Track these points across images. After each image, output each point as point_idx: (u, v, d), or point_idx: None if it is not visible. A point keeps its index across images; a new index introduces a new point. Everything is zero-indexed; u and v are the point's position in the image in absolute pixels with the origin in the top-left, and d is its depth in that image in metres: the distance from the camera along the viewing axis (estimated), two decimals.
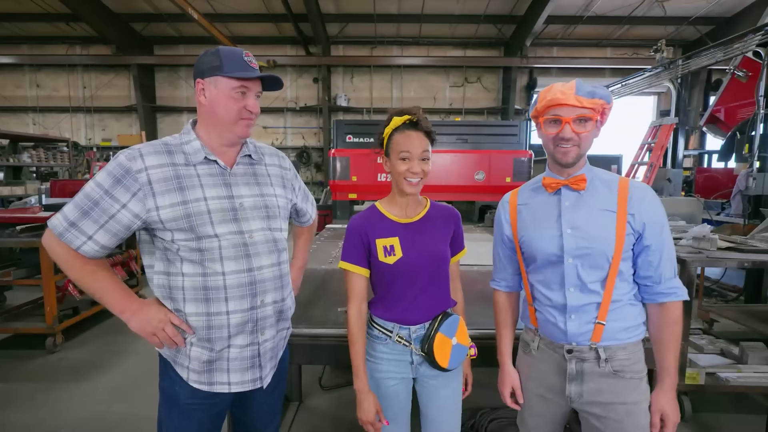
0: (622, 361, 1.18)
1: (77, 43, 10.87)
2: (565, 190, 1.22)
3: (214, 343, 1.18)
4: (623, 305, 1.19)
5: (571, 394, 1.22)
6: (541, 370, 1.28)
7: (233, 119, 1.17)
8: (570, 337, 1.20)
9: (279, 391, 1.43)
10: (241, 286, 1.18)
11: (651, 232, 1.16)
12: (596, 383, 1.19)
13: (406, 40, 11.08)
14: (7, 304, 4.34)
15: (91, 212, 1.08)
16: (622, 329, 1.18)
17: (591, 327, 1.18)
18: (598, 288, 1.18)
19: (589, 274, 1.18)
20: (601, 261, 1.17)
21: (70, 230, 1.08)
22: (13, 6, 9.36)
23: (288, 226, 1.38)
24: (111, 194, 1.08)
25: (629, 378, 1.18)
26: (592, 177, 1.22)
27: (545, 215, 1.24)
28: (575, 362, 1.20)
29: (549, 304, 1.24)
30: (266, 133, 11.54)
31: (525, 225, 1.29)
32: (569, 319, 1.20)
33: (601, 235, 1.16)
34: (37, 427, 2.45)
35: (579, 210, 1.20)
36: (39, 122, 11.42)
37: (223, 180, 1.21)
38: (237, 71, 1.14)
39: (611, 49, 11.23)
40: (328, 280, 2.43)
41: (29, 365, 3.24)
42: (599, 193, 1.20)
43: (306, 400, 2.72)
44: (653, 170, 5.23)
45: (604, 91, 1.16)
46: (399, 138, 1.26)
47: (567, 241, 1.19)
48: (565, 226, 1.20)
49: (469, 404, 2.56)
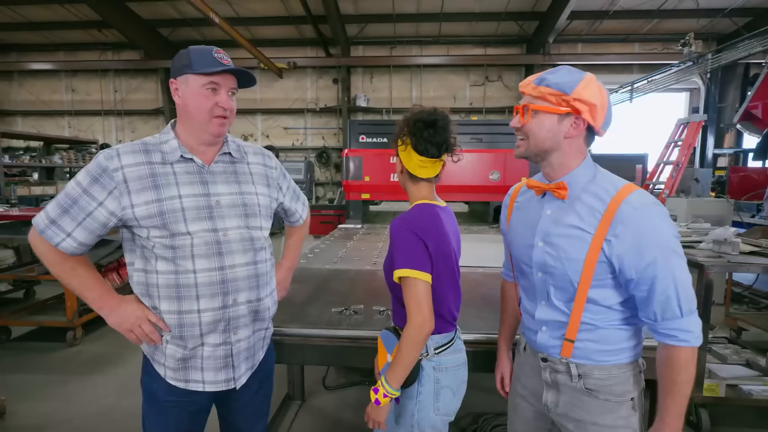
0: (597, 381, 1.07)
1: (109, 49, 11.32)
2: (549, 196, 1.11)
3: (187, 340, 1.18)
4: (604, 329, 1.06)
5: (547, 402, 1.16)
6: (526, 372, 1.24)
7: (205, 117, 1.17)
8: (540, 347, 1.15)
9: (264, 392, 1.43)
10: (212, 284, 1.18)
11: (633, 266, 0.97)
12: (570, 396, 1.11)
13: (426, 39, 10.99)
14: (36, 298, 4.56)
15: (70, 210, 1.10)
16: (600, 351, 1.07)
17: (560, 342, 1.10)
18: (565, 308, 1.09)
19: (556, 293, 1.10)
20: (566, 284, 1.06)
21: (51, 227, 1.10)
22: (49, 14, 9.84)
23: (271, 225, 1.37)
24: (89, 192, 1.10)
25: (604, 399, 1.07)
26: (581, 184, 1.06)
27: (527, 220, 1.17)
28: (549, 372, 1.14)
29: (525, 311, 1.22)
30: (287, 134, 11.69)
31: (513, 225, 1.23)
32: (540, 330, 1.15)
33: (568, 257, 1.04)
34: (49, 417, 2.55)
35: (556, 223, 1.08)
36: (74, 125, 11.95)
37: (200, 178, 1.21)
38: (204, 67, 1.13)
39: (639, 45, 10.79)
40: (329, 280, 2.41)
41: (50, 357, 3.38)
42: (583, 206, 1.04)
43: (309, 400, 2.73)
44: (680, 170, 4.99)
45: (565, 77, 1.01)
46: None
47: (536, 254, 1.11)
48: (538, 237, 1.11)
49: (472, 409, 2.51)
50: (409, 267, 1.15)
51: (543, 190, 1.11)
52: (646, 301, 1.00)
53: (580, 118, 1.03)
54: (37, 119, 12.01)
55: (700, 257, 2.28)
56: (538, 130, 1.05)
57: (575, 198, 1.06)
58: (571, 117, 1.03)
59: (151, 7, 9.57)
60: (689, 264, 2.51)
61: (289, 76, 11.24)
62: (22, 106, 11.95)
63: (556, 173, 1.09)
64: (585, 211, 1.03)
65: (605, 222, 0.99)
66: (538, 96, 1.04)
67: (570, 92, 1.00)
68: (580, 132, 1.04)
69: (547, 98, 1.02)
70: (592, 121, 1.03)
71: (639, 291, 1.00)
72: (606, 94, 1.05)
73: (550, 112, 1.03)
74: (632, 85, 7.12)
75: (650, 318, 1.01)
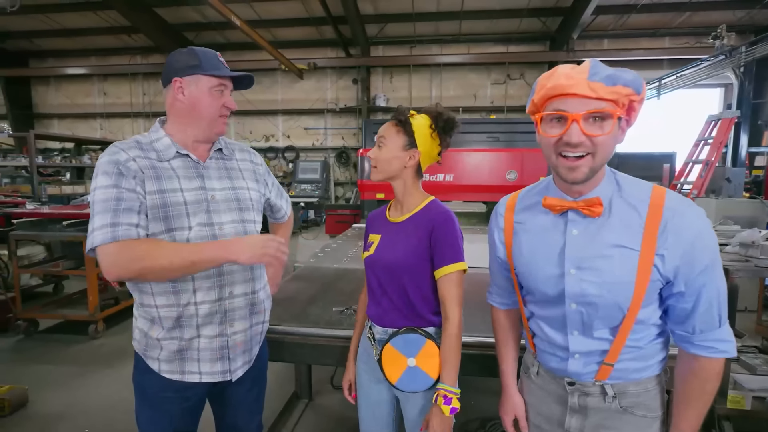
0: (633, 398, 0.97)
1: (137, 53, 11.73)
2: (573, 213, 0.94)
3: (184, 331, 1.19)
4: (643, 348, 0.96)
5: (570, 428, 1.03)
6: (540, 397, 1.10)
7: (214, 116, 1.22)
8: (571, 375, 1.01)
9: (257, 390, 1.44)
10: (209, 277, 1.20)
11: (688, 277, 0.87)
12: (599, 418, 1.00)
13: (446, 38, 10.89)
14: (64, 292, 4.76)
15: (120, 208, 1.08)
16: (638, 369, 0.97)
17: (596, 368, 0.98)
18: (607, 335, 0.95)
19: (596, 323, 0.95)
20: (614, 311, 0.92)
21: (118, 229, 1.06)
22: (83, 21, 10.28)
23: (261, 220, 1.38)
24: (121, 186, 1.10)
25: (640, 416, 0.97)
26: (612, 196, 0.91)
27: (546, 245, 0.98)
28: (578, 396, 1.01)
29: (549, 341, 1.04)
30: (307, 134, 11.81)
31: (521, 253, 1.03)
32: (572, 358, 0.99)
33: (615, 280, 0.89)
34: (68, 407, 2.65)
35: (590, 243, 0.92)
36: (105, 127, 12.45)
37: (197, 173, 1.23)
38: (215, 70, 1.19)
39: (670, 39, 10.35)
40: (337, 279, 2.41)
41: (72, 349, 3.52)
42: (620, 219, 0.89)
43: (315, 398, 2.73)
44: (709, 169, 4.75)
45: (631, 75, 0.83)
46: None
47: (570, 284, 0.94)
48: (569, 264, 0.93)
49: (480, 414, 2.46)
50: (462, 260, 1.19)
51: (565, 208, 0.93)
52: (689, 314, 0.90)
53: (624, 119, 0.88)
54: (72, 121, 12.58)
55: (725, 261, 2.16)
56: (609, 142, 0.85)
57: (606, 212, 0.91)
58: (621, 120, 0.87)
59: (177, 11, 9.86)
60: None
61: (310, 76, 11.36)
62: (58, 110, 12.54)
63: (588, 187, 0.91)
64: (622, 225, 0.89)
65: (651, 234, 0.86)
66: (611, 98, 0.81)
67: (641, 90, 0.84)
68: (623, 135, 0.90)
69: (621, 100, 0.82)
70: (628, 125, 0.90)
71: (684, 303, 0.89)
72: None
73: (617, 116, 0.84)
74: (660, 81, 6.83)
75: (688, 331, 0.91)
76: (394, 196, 1.32)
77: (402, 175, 1.26)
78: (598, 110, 0.82)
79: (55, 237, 3.78)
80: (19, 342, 3.67)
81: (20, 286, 3.79)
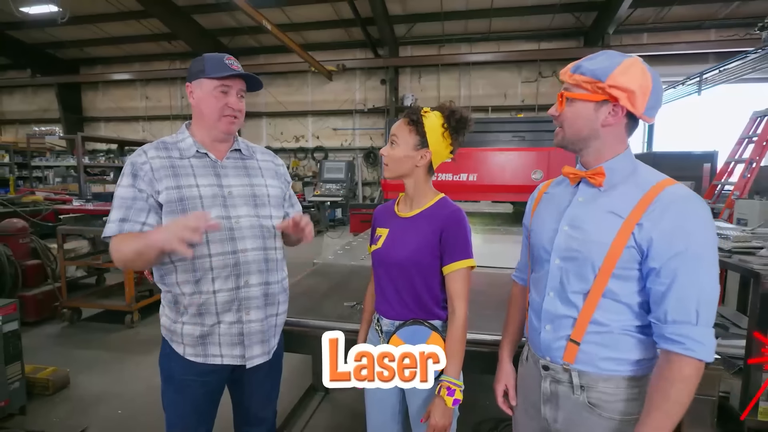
0: (601, 394, 0.98)
1: (177, 59, 12.30)
2: (583, 184, 1.05)
3: (205, 318, 1.28)
4: (613, 333, 0.97)
5: (546, 416, 1.08)
6: (528, 384, 1.17)
7: (217, 116, 1.28)
8: (543, 350, 1.08)
9: (272, 378, 1.51)
10: (226, 266, 1.28)
11: (660, 253, 0.90)
12: (570, 412, 1.03)
13: (475, 36, 10.76)
14: (106, 284, 5.08)
15: (133, 206, 1.23)
16: (607, 358, 0.98)
17: (564, 343, 1.02)
18: (578, 301, 1.00)
19: (571, 282, 1.02)
20: (586, 270, 0.98)
21: (125, 225, 1.22)
22: (127, 29, 10.91)
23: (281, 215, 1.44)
24: (135, 186, 1.24)
25: (608, 417, 0.98)
26: (620, 172, 1.00)
27: (555, 208, 1.11)
28: (549, 381, 1.07)
29: (533, 308, 1.13)
30: (336, 134, 12.00)
31: (538, 214, 1.17)
32: (544, 329, 1.07)
33: (595, 239, 0.97)
34: (105, 391, 2.84)
35: (587, 208, 1.03)
36: (147, 129, 13.14)
37: (214, 171, 1.32)
38: (217, 72, 1.25)
39: (716, 31, 9.76)
40: (351, 276, 2.46)
41: (111, 337, 3.76)
42: (620, 193, 0.99)
43: (332, 392, 2.79)
44: (754, 168, 4.47)
45: (601, 63, 0.95)
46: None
47: (559, 238, 1.05)
48: (564, 221, 1.05)
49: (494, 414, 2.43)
50: (471, 257, 1.23)
51: (578, 177, 1.06)
52: (661, 297, 0.90)
53: (618, 106, 0.96)
54: (117, 124, 13.36)
55: (757, 265, 2.04)
56: (573, 118, 1.01)
57: (612, 187, 1.00)
58: (608, 105, 0.96)
59: (213, 18, 10.28)
60: (743, 271, 2.25)
61: (339, 78, 11.53)
62: (105, 113, 13.36)
63: (595, 161, 1.03)
64: (621, 198, 0.98)
65: (642, 205, 0.93)
66: (574, 84, 1.00)
67: (605, 79, 0.94)
68: (618, 120, 0.97)
69: (582, 85, 0.98)
70: (631, 108, 0.94)
71: (657, 284, 0.91)
72: (651, 77, 0.95)
73: (586, 99, 0.98)
74: (701, 76, 6.45)
75: (660, 318, 0.91)
76: (405, 191, 1.34)
77: (413, 174, 1.28)
78: (561, 92, 1.02)
79: (97, 232, 4.05)
80: (64, 329, 3.96)
81: (66, 278, 4.09)
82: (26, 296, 3.86)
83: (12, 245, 3.93)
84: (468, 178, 4.49)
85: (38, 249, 4.13)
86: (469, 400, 2.35)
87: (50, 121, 13.08)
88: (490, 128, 4.73)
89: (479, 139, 4.65)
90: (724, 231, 2.82)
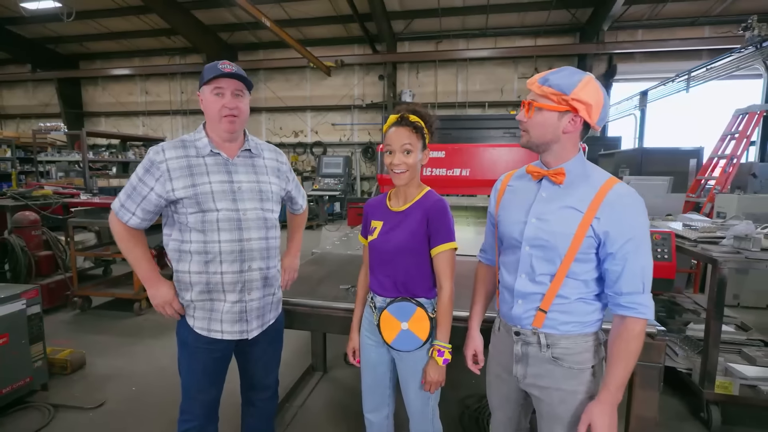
0: (563, 349, 1.21)
1: (176, 54, 12.41)
2: (546, 181, 1.24)
3: (212, 295, 1.48)
4: (572, 302, 1.20)
5: (517, 374, 1.30)
6: (500, 351, 1.37)
7: (217, 117, 1.46)
8: (515, 320, 1.28)
9: (273, 348, 1.72)
10: (233, 252, 1.48)
11: (615, 241, 1.13)
12: (538, 367, 1.25)
13: (473, 32, 10.87)
14: (112, 274, 5.27)
15: (132, 195, 1.44)
16: (566, 322, 1.21)
17: (533, 314, 1.24)
18: (546, 281, 1.21)
19: (540, 266, 1.21)
20: (553, 256, 1.19)
21: (121, 209, 1.45)
22: (127, 25, 11.02)
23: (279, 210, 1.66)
24: (143, 181, 1.43)
25: (568, 367, 1.21)
26: (575, 172, 1.20)
27: (521, 201, 1.29)
28: (521, 345, 1.28)
29: (505, 286, 1.33)
30: (334, 129, 12.14)
31: (504, 206, 1.35)
32: (516, 304, 1.27)
33: (560, 231, 1.17)
34: (118, 371, 3.05)
35: (551, 203, 1.21)
36: (147, 124, 13.27)
37: (226, 168, 1.50)
38: (209, 77, 1.43)
39: (710, 28, 9.89)
40: (347, 263, 2.65)
41: (121, 323, 3.96)
42: (577, 191, 1.19)
43: (330, 371, 3.00)
44: (735, 164, 4.66)
45: (566, 79, 1.13)
46: (387, 134, 1.43)
47: (528, 229, 1.23)
48: (532, 215, 1.23)
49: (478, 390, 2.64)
50: (454, 240, 1.42)
51: (541, 175, 1.24)
52: (618, 276, 1.13)
53: (577, 116, 1.15)
54: (117, 119, 13.48)
55: (716, 253, 2.24)
56: (540, 125, 1.18)
57: (569, 184, 1.20)
58: (569, 114, 1.15)
59: (212, 13, 10.38)
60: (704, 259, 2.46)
61: (337, 73, 11.65)
62: (105, 108, 13.47)
63: (554, 162, 1.22)
64: (578, 195, 1.17)
65: (595, 203, 1.14)
66: (541, 94, 1.15)
67: (569, 92, 1.12)
68: (576, 128, 1.17)
69: (549, 97, 1.14)
70: (588, 119, 1.15)
71: (614, 265, 1.14)
72: (603, 94, 1.16)
73: (552, 109, 1.15)
74: (689, 73, 6.62)
75: (617, 292, 1.14)
76: (396, 187, 1.49)
77: (417, 173, 1.47)
78: (530, 101, 1.18)
79: (105, 224, 4.23)
80: (76, 316, 4.16)
81: (76, 268, 4.28)
82: (40, 285, 4.04)
83: (25, 237, 4.12)
84: (461, 173, 4.69)
85: (50, 240, 4.31)
86: (456, 378, 2.56)
87: (51, 116, 13.17)
88: (483, 125, 4.91)
89: (471, 135, 4.85)
90: (693, 222, 3.02)
